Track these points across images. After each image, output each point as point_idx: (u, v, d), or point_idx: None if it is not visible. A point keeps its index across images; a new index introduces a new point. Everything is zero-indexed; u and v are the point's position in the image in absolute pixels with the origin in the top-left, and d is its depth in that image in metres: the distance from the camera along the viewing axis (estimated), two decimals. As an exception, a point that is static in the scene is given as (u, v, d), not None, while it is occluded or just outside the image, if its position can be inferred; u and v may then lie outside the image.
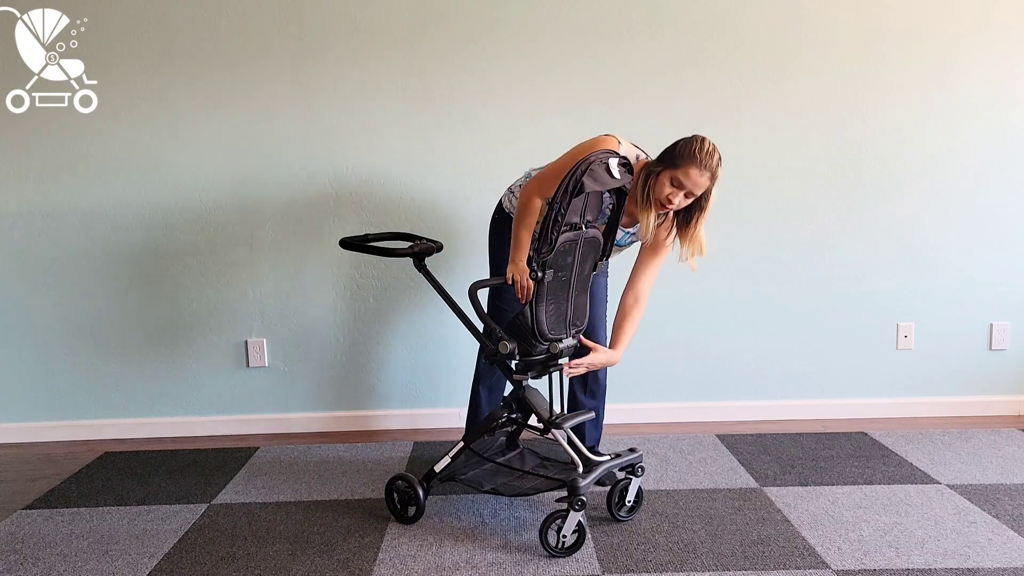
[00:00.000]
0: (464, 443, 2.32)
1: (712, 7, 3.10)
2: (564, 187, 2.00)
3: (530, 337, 2.15)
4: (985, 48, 3.14)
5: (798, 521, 2.31)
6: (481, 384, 2.74)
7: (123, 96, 3.08)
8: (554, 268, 2.08)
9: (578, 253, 2.14)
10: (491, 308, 2.64)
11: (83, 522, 2.41)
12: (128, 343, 3.21)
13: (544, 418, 2.25)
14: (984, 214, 3.23)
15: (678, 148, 2.20)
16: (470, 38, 3.08)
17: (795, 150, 3.19)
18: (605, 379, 2.69)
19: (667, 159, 2.21)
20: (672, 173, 2.19)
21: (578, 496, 2.06)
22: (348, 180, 3.16)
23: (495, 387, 2.74)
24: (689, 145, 2.18)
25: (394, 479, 2.36)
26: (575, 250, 2.12)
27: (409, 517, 2.34)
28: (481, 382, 2.73)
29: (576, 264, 2.16)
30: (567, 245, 2.09)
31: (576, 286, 2.21)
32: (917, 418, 3.30)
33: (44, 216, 3.13)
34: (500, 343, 2.18)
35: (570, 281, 2.18)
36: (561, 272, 2.12)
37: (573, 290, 2.20)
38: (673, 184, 2.19)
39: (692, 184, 2.18)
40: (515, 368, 2.27)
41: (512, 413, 2.31)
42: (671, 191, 2.20)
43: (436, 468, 2.33)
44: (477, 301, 2.21)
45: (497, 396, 2.76)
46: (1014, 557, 2.08)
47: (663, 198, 2.22)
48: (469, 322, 2.37)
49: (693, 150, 2.17)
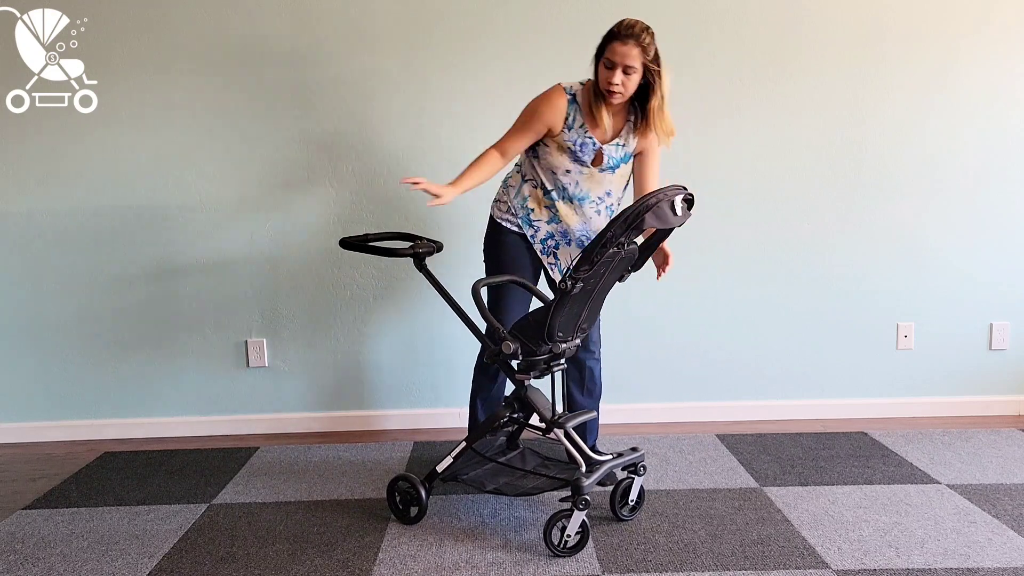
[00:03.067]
0: (466, 443, 2.33)
1: (712, 7, 3.10)
2: (624, 220, 1.97)
3: (537, 338, 2.15)
4: (985, 48, 3.14)
5: (798, 521, 2.31)
6: (478, 396, 2.72)
7: (123, 96, 3.08)
8: (583, 281, 2.06)
9: (612, 267, 2.13)
10: (491, 308, 2.64)
11: (83, 522, 2.41)
12: (128, 343, 3.21)
13: (547, 418, 2.25)
14: (984, 214, 3.23)
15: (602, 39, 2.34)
16: (470, 38, 3.08)
17: (795, 150, 3.19)
18: (600, 380, 2.69)
19: (597, 52, 2.35)
20: (602, 60, 2.32)
21: (582, 496, 2.06)
22: (348, 179, 3.16)
23: (491, 400, 2.71)
24: (609, 30, 2.33)
25: (396, 479, 2.36)
26: (609, 264, 2.11)
27: (411, 517, 2.34)
28: (479, 394, 2.71)
29: (606, 276, 2.15)
30: (605, 261, 2.07)
31: (598, 294, 2.22)
32: (917, 418, 3.30)
33: (44, 216, 3.13)
34: (503, 343, 2.18)
35: (594, 290, 2.17)
36: (589, 282, 2.10)
37: (593, 298, 2.21)
38: (607, 67, 2.31)
39: (620, 57, 2.28)
40: (517, 368, 2.27)
41: (514, 413, 2.31)
42: (607, 73, 2.31)
43: (438, 468, 2.33)
44: (480, 300, 2.22)
45: (494, 406, 2.74)
46: (1014, 557, 2.08)
47: (605, 85, 2.32)
48: (471, 322, 2.38)
49: (612, 30, 2.32)
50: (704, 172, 3.15)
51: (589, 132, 2.40)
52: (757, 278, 3.25)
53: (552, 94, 2.41)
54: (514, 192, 2.54)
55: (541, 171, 2.48)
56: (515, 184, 2.55)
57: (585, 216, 2.48)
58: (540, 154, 2.47)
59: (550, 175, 2.47)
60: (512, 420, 2.33)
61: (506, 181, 2.61)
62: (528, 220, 2.51)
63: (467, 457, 2.36)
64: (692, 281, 3.23)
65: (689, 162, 3.13)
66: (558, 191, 2.47)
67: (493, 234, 2.58)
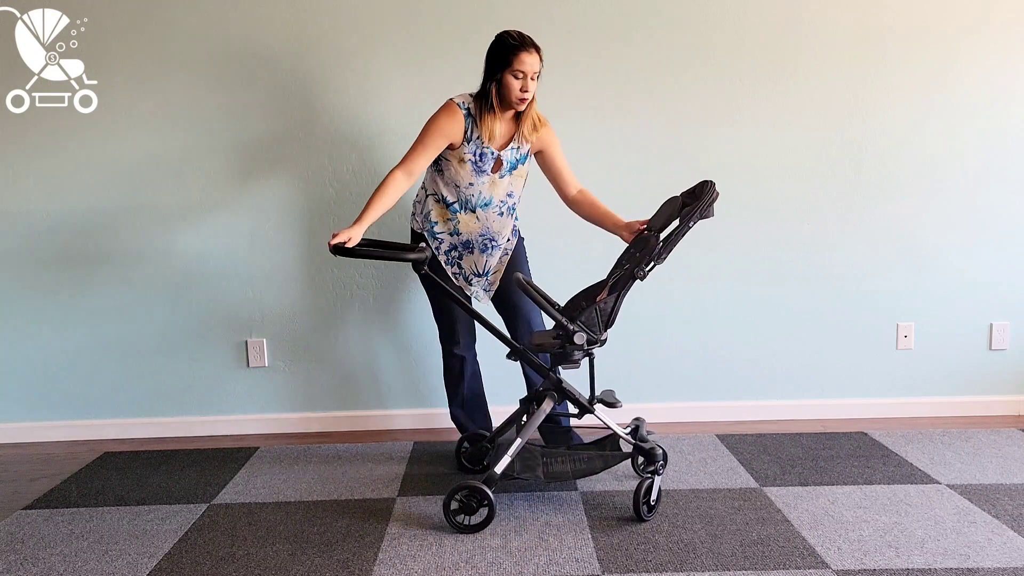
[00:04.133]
0: (521, 439, 2.33)
1: (712, 7, 3.10)
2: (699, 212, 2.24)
3: (603, 327, 2.32)
4: (985, 48, 3.14)
5: (798, 521, 2.31)
6: (453, 404, 2.82)
7: (123, 96, 3.08)
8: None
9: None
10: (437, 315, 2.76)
11: (83, 522, 2.41)
12: (128, 343, 3.21)
13: (583, 403, 2.42)
14: (984, 214, 3.23)
15: (497, 52, 2.43)
16: (470, 38, 3.08)
17: (795, 150, 3.19)
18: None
19: (497, 66, 2.43)
20: (511, 70, 2.41)
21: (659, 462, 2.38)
22: (348, 180, 3.16)
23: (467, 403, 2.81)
24: (503, 42, 2.43)
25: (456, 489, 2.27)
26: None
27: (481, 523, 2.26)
28: (453, 401, 2.81)
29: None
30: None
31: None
32: (917, 418, 3.30)
33: (44, 216, 3.13)
34: (575, 335, 2.28)
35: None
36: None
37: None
38: (517, 77, 2.41)
39: (530, 66, 2.40)
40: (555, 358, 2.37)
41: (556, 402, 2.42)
42: (520, 83, 2.42)
43: (497, 469, 2.28)
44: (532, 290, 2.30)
45: (475, 407, 2.82)
46: (1014, 557, 2.08)
47: (517, 94, 2.43)
48: (487, 323, 2.43)
49: (510, 42, 2.41)
50: (704, 172, 3.12)
51: (486, 143, 2.49)
52: (757, 278, 3.25)
53: (451, 109, 2.48)
54: (420, 207, 2.65)
55: (444, 185, 2.57)
56: (421, 199, 2.66)
57: (488, 219, 2.59)
58: (443, 168, 2.56)
59: (453, 188, 2.56)
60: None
61: (415, 203, 2.71)
62: (433, 233, 2.61)
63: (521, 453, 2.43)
64: (692, 281, 3.23)
65: (689, 162, 3.13)
66: (460, 203, 2.56)
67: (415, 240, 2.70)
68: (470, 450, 2.72)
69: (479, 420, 2.81)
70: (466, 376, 2.77)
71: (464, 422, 2.80)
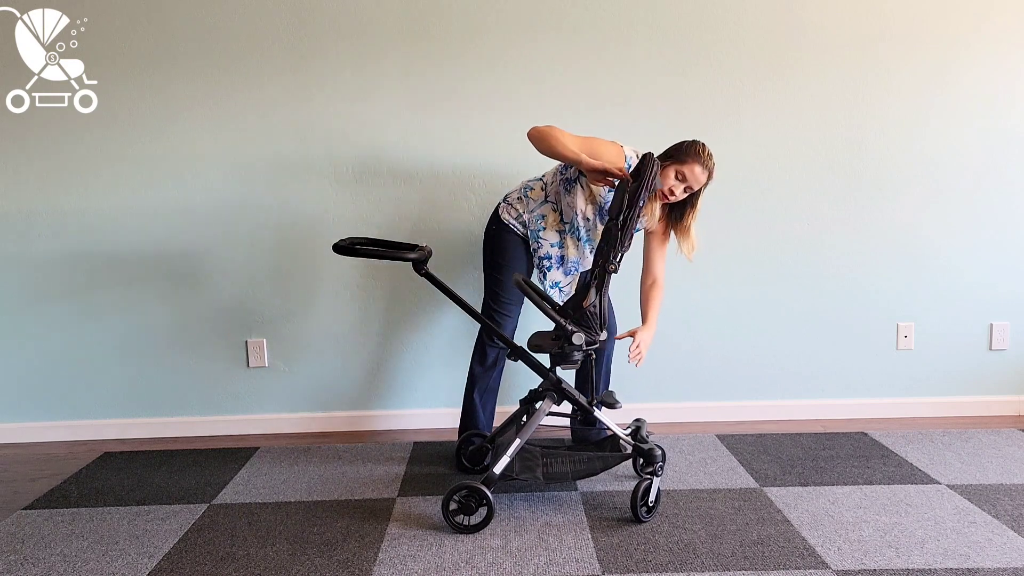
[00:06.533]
0: (520, 440, 2.32)
1: (712, 7, 3.10)
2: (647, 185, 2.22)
3: (598, 327, 2.32)
4: (985, 48, 3.14)
5: (798, 521, 2.31)
6: (475, 390, 2.79)
7: (123, 96, 3.08)
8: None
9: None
10: (485, 312, 2.67)
11: (83, 522, 2.41)
12: (128, 343, 3.21)
13: (584, 403, 2.44)
14: (984, 214, 3.23)
15: (683, 147, 2.47)
16: (470, 38, 3.08)
17: (795, 150, 3.19)
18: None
19: (673, 155, 2.47)
20: (678, 167, 2.45)
21: (659, 462, 2.38)
22: (348, 179, 3.16)
23: (488, 392, 2.80)
24: (693, 146, 2.47)
25: (455, 490, 2.27)
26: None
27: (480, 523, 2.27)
28: (476, 387, 2.78)
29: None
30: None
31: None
32: (917, 418, 3.30)
33: (44, 216, 3.13)
34: (574, 335, 2.28)
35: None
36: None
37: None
38: (677, 177, 2.46)
39: (693, 178, 2.45)
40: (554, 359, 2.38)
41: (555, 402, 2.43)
42: (674, 183, 2.47)
43: (496, 469, 2.28)
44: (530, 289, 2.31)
45: (490, 400, 2.80)
46: (1014, 557, 2.08)
47: (666, 189, 2.47)
48: (486, 322, 2.45)
49: (697, 150, 2.46)
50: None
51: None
52: (757, 278, 3.26)
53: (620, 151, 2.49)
54: (533, 206, 2.64)
55: (564, 204, 2.59)
56: (536, 199, 2.64)
57: (583, 253, 2.64)
58: (571, 190, 2.56)
59: (569, 211, 2.58)
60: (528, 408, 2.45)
61: (526, 192, 2.67)
62: (537, 236, 2.62)
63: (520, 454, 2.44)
64: (692, 281, 3.23)
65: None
66: (571, 227, 2.60)
67: (497, 231, 2.69)
68: (470, 450, 2.72)
69: (488, 409, 2.81)
70: (498, 367, 2.80)
71: (475, 413, 2.78)
